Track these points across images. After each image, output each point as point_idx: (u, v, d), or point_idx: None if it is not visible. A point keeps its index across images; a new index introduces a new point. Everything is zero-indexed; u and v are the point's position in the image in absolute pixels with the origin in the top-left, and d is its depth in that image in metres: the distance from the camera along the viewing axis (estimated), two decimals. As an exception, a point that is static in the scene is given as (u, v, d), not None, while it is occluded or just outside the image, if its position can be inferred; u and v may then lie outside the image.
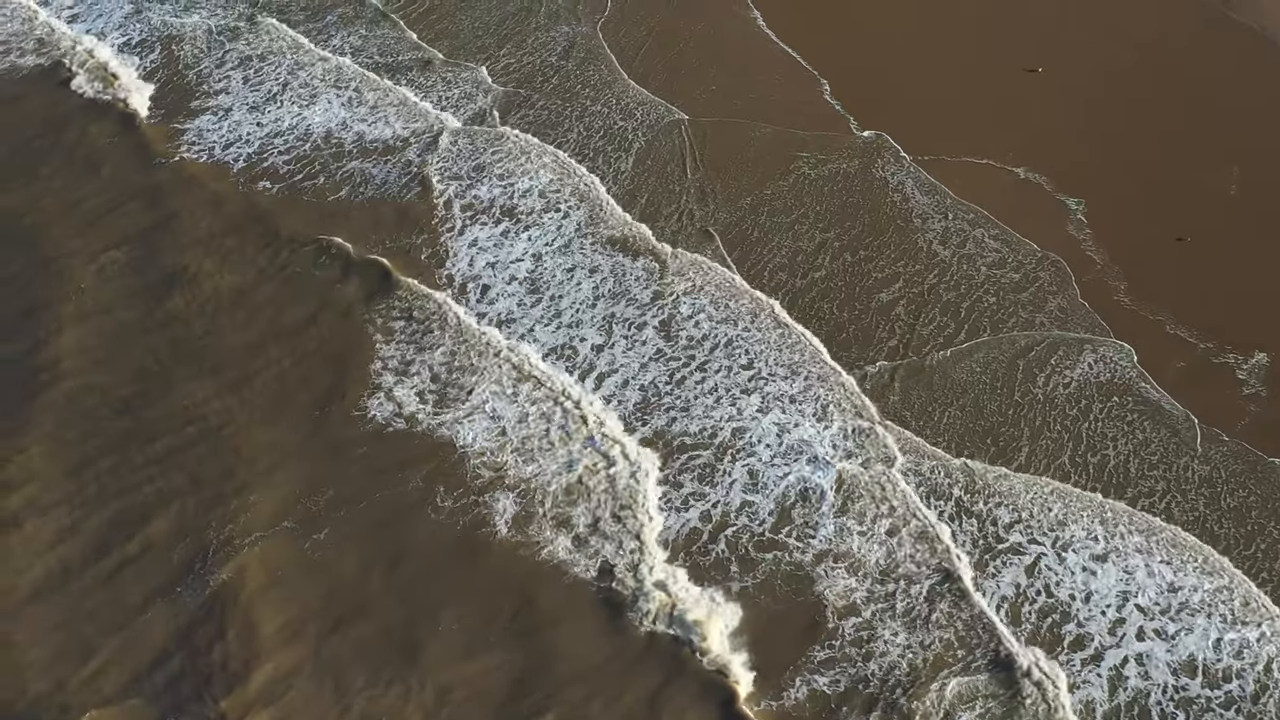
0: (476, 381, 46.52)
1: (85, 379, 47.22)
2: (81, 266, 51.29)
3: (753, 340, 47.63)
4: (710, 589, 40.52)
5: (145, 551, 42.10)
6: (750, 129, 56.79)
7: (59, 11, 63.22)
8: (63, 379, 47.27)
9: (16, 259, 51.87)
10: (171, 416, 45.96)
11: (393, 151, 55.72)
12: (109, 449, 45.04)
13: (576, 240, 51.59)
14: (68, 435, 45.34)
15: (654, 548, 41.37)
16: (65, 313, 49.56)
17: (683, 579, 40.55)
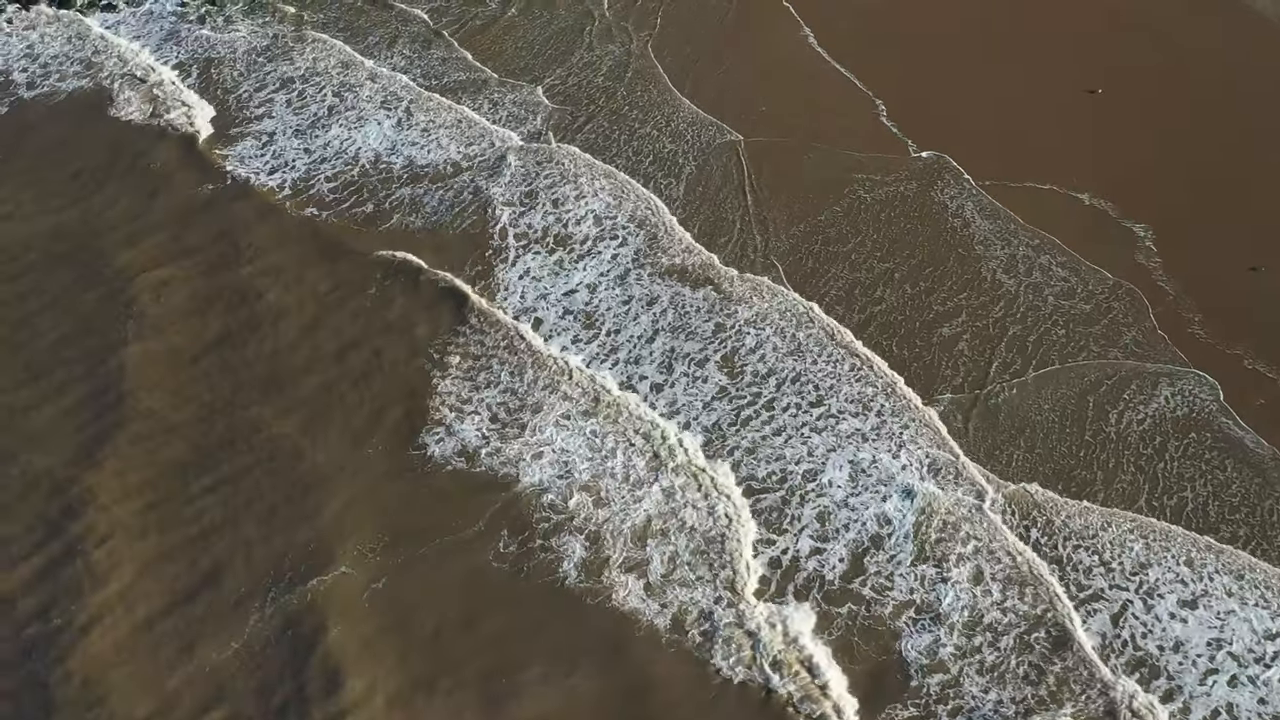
0: (542, 415, 45.23)
1: (149, 404, 46.34)
2: (141, 289, 50.26)
3: (821, 373, 46.34)
4: (796, 635, 39.27)
5: (213, 591, 41.20)
6: (802, 150, 55.66)
7: (114, 30, 61.72)
8: (129, 407, 46.35)
9: (79, 280, 50.81)
10: (232, 444, 45.05)
11: (444, 177, 54.45)
12: (172, 480, 44.09)
13: (634, 270, 50.32)
14: (135, 462, 44.56)
15: (747, 595, 39.82)
16: (125, 336, 48.59)
17: (766, 626, 39.21)
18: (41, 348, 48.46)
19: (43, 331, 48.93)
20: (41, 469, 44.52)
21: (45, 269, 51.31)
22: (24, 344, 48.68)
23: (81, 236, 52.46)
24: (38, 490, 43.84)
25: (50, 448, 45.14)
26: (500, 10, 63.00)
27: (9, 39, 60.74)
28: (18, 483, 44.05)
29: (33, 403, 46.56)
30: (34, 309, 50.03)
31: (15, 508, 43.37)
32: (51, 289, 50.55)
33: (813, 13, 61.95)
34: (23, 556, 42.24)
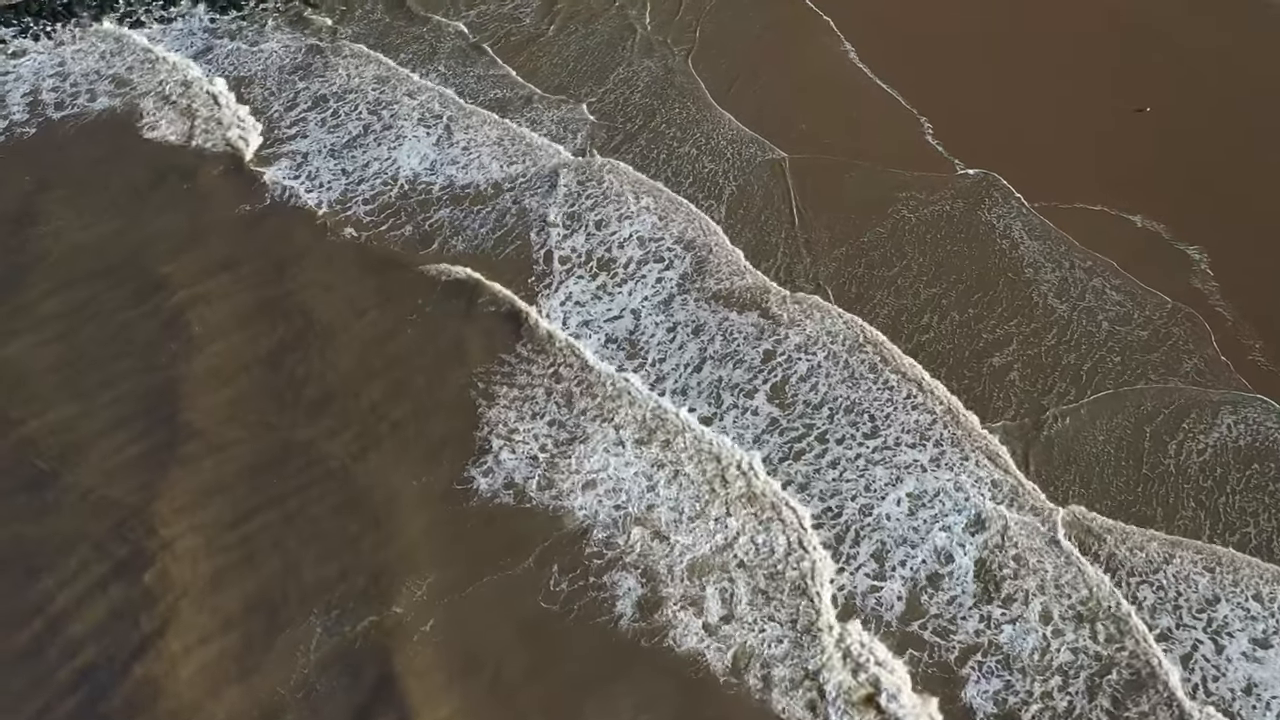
0: (594, 443, 44.15)
1: (201, 425, 45.36)
2: (186, 309, 49.24)
3: (876, 401, 45.35)
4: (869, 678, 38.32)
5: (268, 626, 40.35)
6: (844, 168, 54.62)
7: (163, 46, 60.77)
8: (182, 428, 45.42)
9: (125, 299, 49.83)
10: (281, 471, 44.06)
11: (485, 198, 53.40)
12: (224, 507, 43.20)
13: (679, 295, 49.33)
14: (188, 487, 43.58)
15: (818, 634, 38.74)
16: (175, 357, 47.61)
17: (834, 668, 38.20)
18: (92, 369, 47.36)
19: (93, 354, 47.82)
20: (98, 495, 43.46)
21: (91, 289, 50.08)
22: (74, 364, 47.59)
23: (126, 257, 51.24)
24: (93, 516, 42.80)
25: (104, 471, 44.10)
26: (539, 25, 61.89)
27: (40, 56, 59.65)
28: (73, 509, 43.01)
29: (87, 426, 45.44)
30: (84, 328, 48.89)
31: (70, 535, 42.31)
32: (100, 308, 49.42)
33: (853, 28, 60.89)
34: (76, 583, 41.19)
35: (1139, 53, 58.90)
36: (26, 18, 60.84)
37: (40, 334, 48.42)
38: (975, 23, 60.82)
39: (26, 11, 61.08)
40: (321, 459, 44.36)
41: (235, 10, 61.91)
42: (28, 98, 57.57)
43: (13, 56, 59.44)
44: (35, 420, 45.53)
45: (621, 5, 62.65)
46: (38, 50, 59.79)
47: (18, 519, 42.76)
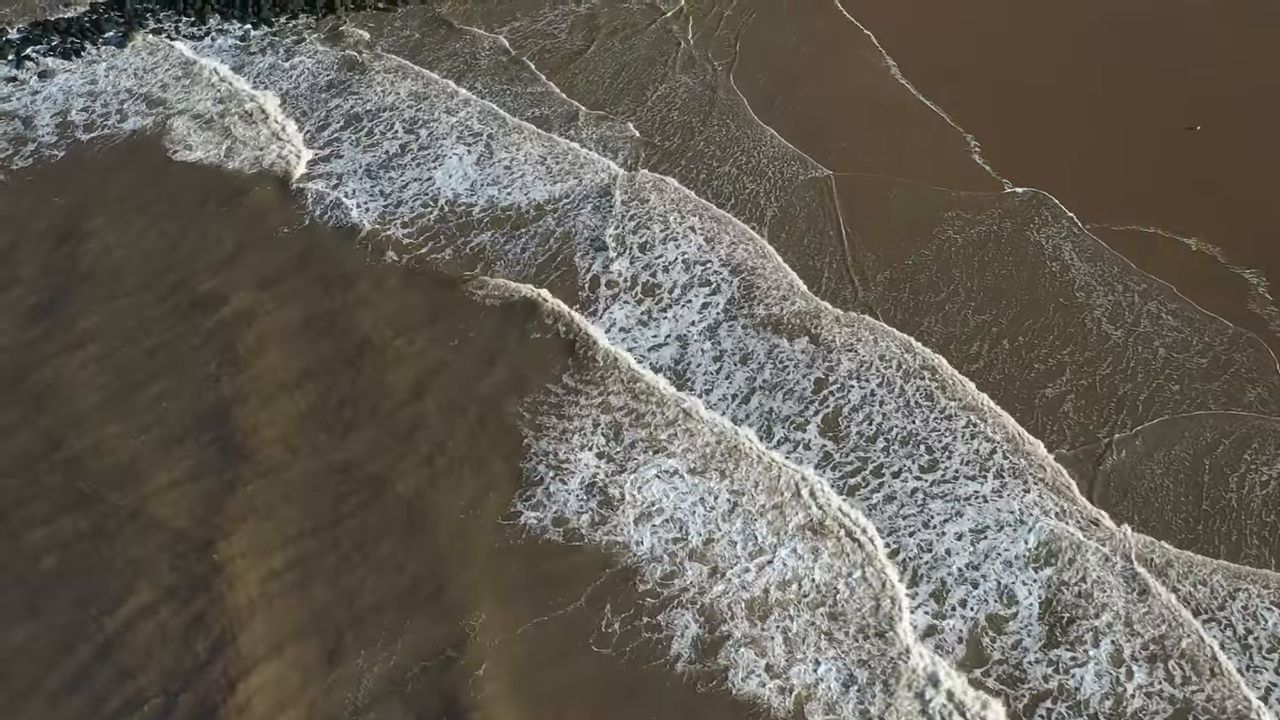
0: (648, 473, 43.07)
1: (261, 451, 44.53)
2: (235, 331, 48.40)
3: (934, 431, 44.30)
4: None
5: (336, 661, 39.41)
6: (885, 186, 53.66)
7: (195, 64, 59.75)
8: (241, 452, 44.55)
9: (176, 319, 48.96)
10: (337, 499, 43.17)
11: (527, 220, 52.39)
12: (285, 533, 42.34)
13: (726, 321, 48.33)
14: (253, 516, 42.68)
15: (898, 684, 37.39)
16: (229, 380, 46.77)
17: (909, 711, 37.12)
18: (138, 390, 46.54)
19: (139, 374, 47.03)
20: (147, 518, 42.57)
21: (135, 310, 49.25)
22: (121, 384, 46.77)
23: (169, 278, 50.43)
24: (142, 539, 41.95)
25: (152, 494, 43.22)
26: (580, 41, 60.90)
27: (70, 76, 58.75)
28: (122, 532, 42.11)
29: (134, 448, 44.59)
30: (129, 348, 48.08)
31: (119, 559, 41.49)
32: (145, 329, 48.63)
33: (895, 43, 59.99)
34: (125, 609, 40.29)
35: (1190, 70, 57.88)
36: (54, 36, 59.84)
37: (85, 353, 47.59)
38: (1020, 39, 59.92)
39: (55, 29, 60.12)
40: (368, 486, 43.43)
41: (266, 26, 60.90)
42: (58, 118, 56.63)
43: (43, 76, 58.44)
44: (81, 441, 44.67)
45: (662, 20, 61.68)
46: (68, 69, 58.84)
47: (66, 543, 41.89)
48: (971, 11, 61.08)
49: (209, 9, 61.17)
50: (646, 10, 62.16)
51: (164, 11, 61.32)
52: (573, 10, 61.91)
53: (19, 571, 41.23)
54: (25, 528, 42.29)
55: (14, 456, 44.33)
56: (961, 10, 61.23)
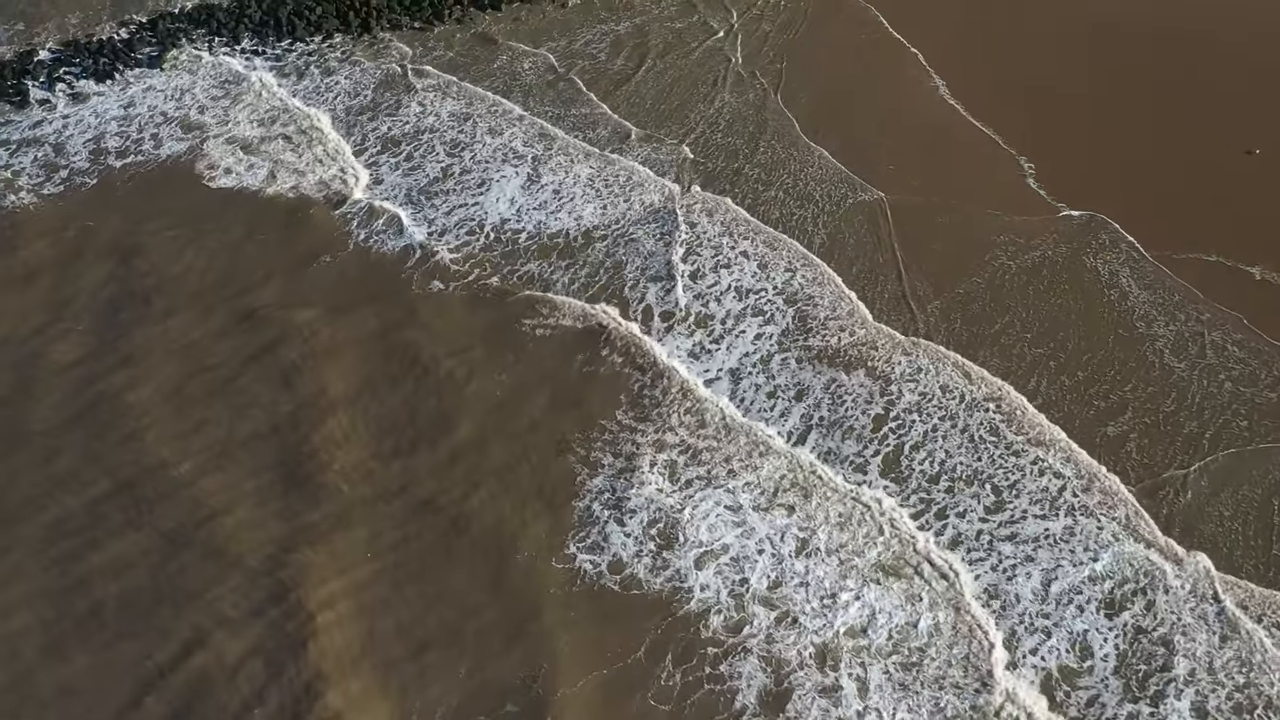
0: (708, 511, 41.83)
1: (330, 476, 43.74)
2: (292, 359, 47.51)
3: (1002, 466, 43.09)
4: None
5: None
6: (934, 210, 52.37)
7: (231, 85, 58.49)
8: (312, 475, 43.87)
9: (267, 343, 48.06)
10: (391, 527, 42.45)
11: (575, 250, 51.17)
12: (359, 557, 41.68)
13: (779, 354, 47.12)
14: (330, 545, 41.94)
15: None
16: (293, 403, 45.98)
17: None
18: (206, 420, 45.77)
19: (205, 405, 46.23)
20: (219, 547, 41.84)
21: (196, 338, 48.48)
22: (188, 416, 45.96)
23: (226, 303, 49.59)
24: (217, 570, 41.23)
25: (223, 523, 42.48)
26: (628, 59, 59.52)
27: (105, 99, 57.62)
28: (196, 562, 41.35)
29: (203, 477, 43.84)
30: (192, 383, 47.14)
31: (195, 591, 40.73)
32: (209, 357, 47.81)
33: (943, 61, 58.68)
34: (207, 645, 39.50)
35: (1251, 92, 56.53)
36: (86, 56, 58.73)
37: (152, 382, 46.68)
38: (1072, 58, 58.47)
39: (86, 50, 59.02)
40: (422, 517, 42.54)
41: (301, 44, 59.72)
42: (90, 144, 55.47)
43: (75, 99, 57.34)
44: (152, 471, 43.92)
45: (712, 39, 60.31)
46: (100, 91, 57.68)
47: (128, 572, 41.13)
48: (1021, 30, 59.74)
49: (243, 29, 59.99)
50: (694, 28, 60.82)
51: (197, 31, 60.11)
52: (611, 30, 60.68)
53: (79, 602, 40.47)
54: (85, 555, 41.58)
55: (73, 480, 43.68)
56: (1011, 29, 59.86)
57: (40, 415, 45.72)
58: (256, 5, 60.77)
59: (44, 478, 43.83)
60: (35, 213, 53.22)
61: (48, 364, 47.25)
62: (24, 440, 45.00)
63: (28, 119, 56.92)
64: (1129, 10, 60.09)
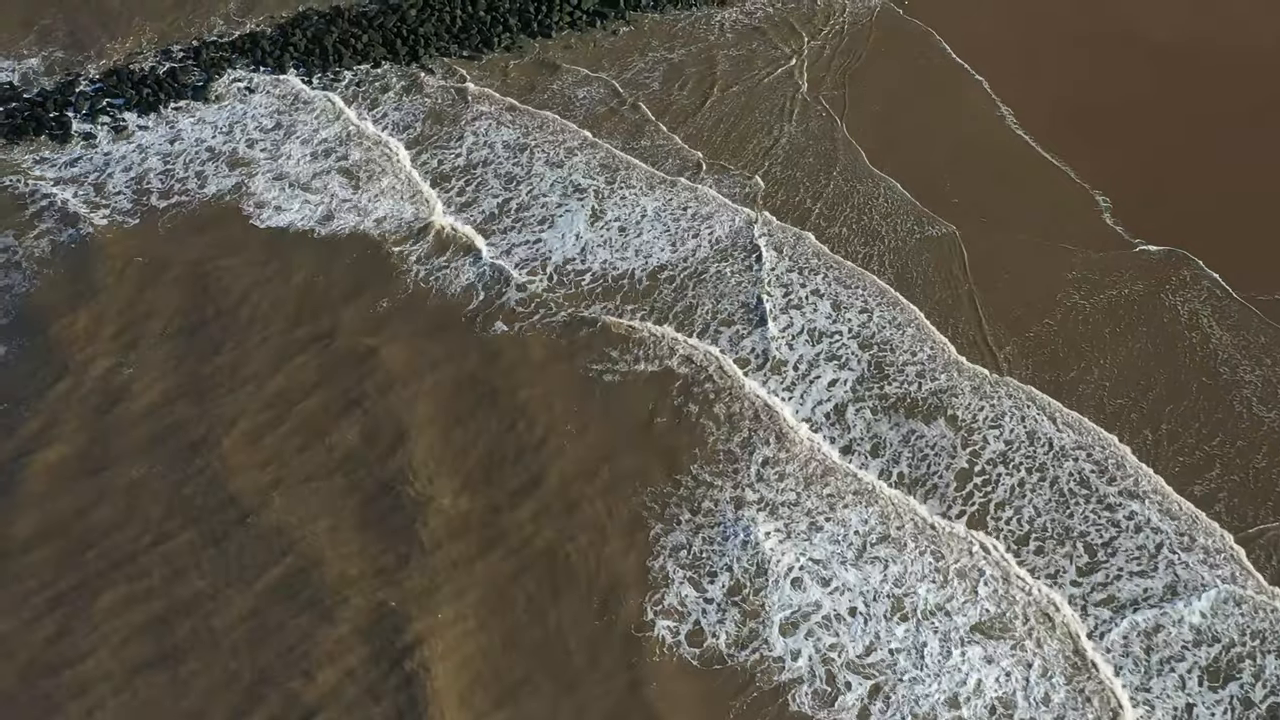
0: (792, 571, 40.16)
1: (432, 507, 42.74)
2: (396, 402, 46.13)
3: (1093, 525, 41.38)
4: None
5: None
6: (1005, 246, 50.55)
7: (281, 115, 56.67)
8: (415, 503, 42.86)
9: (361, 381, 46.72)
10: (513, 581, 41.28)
11: (641, 292, 49.36)
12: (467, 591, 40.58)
13: (853, 403, 45.42)
14: (439, 578, 41.06)
15: None
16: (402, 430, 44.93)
17: None
18: (303, 460, 44.63)
19: (297, 442, 45.10)
20: (333, 589, 40.84)
21: (283, 371, 47.27)
22: (287, 457, 44.80)
23: (295, 343, 48.23)
24: (334, 610, 40.24)
25: (334, 560, 41.50)
26: (680, 88, 57.71)
27: (152, 133, 55.94)
28: (312, 600, 40.45)
29: (331, 521, 42.67)
30: (282, 427, 45.78)
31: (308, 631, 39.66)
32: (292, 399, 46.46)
33: (1009, 89, 56.87)
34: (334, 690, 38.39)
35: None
36: (129, 87, 57.12)
37: (235, 427, 45.44)
38: (1149, 85, 56.40)
39: (129, 80, 57.41)
40: (519, 568, 41.49)
41: (349, 73, 58.04)
42: (135, 183, 53.74)
43: (117, 132, 55.72)
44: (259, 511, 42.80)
45: (772, 66, 58.45)
46: (143, 124, 56.02)
47: (242, 615, 40.21)
48: (1090, 57, 57.83)
49: (288, 58, 58.36)
50: (753, 55, 58.91)
51: (241, 60, 58.46)
52: (665, 58, 58.87)
53: (188, 641, 39.71)
54: (193, 598, 40.71)
55: (159, 531, 42.62)
56: (1078, 55, 57.96)
57: (120, 458, 44.38)
58: (301, 33, 58.91)
59: (130, 532, 42.65)
60: (105, 242, 51.48)
61: (126, 411, 45.72)
62: (106, 486, 43.65)
63: (70, 154, 55.31)
64: (1210, 35, 57.97)
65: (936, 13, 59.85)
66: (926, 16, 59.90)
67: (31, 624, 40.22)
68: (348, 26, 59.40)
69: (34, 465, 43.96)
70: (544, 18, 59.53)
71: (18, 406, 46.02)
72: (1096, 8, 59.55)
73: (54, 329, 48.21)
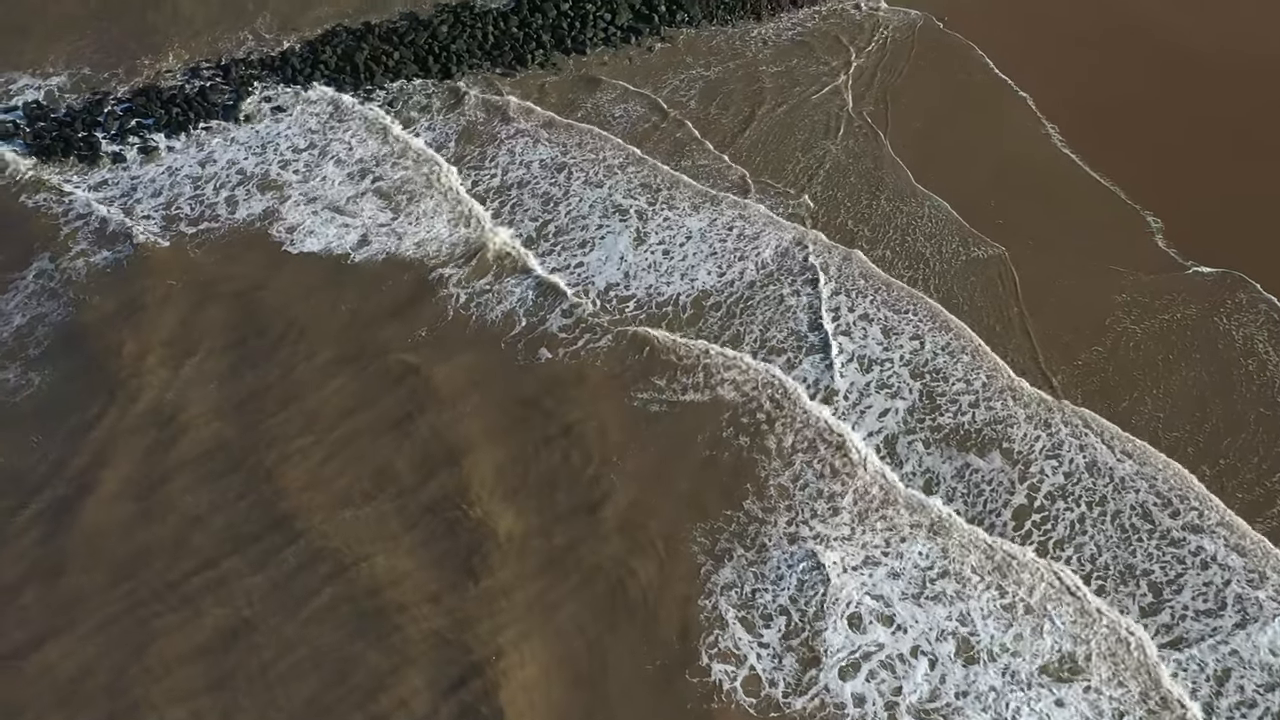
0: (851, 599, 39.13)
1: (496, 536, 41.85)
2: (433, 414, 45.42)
3: (1159, 561, 40.23)
4: None
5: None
6: (1052, 268, 49.38)
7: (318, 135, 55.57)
8: (480, 532, 42.11)
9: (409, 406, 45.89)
10: None
11: (683, 322, 48.24)
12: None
13: (904, 436, 44.32)
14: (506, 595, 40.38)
15: None
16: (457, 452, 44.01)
17: None
18: (373, 492, 43.74)
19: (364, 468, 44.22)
20: (404, 621, 39.93)
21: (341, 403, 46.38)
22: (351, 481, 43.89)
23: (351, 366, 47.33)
24: (408, 643, 39.37)
25: (408, 590, 40.70)
26: (720, 105, 56.55)
27: (177, 154, 54.93)
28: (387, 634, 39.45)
29: (397, 546, 41.88)
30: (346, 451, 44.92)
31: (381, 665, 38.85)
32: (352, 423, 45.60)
33: (1055, 106, 55.68)
34: None
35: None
36: (158, 106, 56.13)
37: (317, 453, 44.58)
38: (1199, 100, 55.15)
39: (158, 99, 56.42)
40: (575, 601, 40.73)
41: (380, 90, 56.98)
42: (162, 208, 52.71)
43: (145, 153, 54.71)
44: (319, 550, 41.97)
45: (812, 84, 57.26)
46: (172, 145, 54.99)
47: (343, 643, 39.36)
48: (1137, 72, 56.61)
49: (318, 75, 57.35)
50: (792, 72, 57.74)
51: (270, 78, 57.44)
52: (701, 75, 57.73)
53: (261, 665, 38.98)
54: (264, 623, 40.09)
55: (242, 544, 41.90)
56: (1124, 71, 56.76)
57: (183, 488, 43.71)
58: (331, 51, 57.86)
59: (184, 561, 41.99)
60: (143, 266, 50.61)
61: (183, 450, 44.79)
62: (154, 513, 42.97)
63: (100, 175, 54.34)
64: (1264, 52, 56.64)
65: (977, 27, 58.75)
66: (968, 31, 58.80)
67: (78, 652, 39.57)
68: (378, 43, 58.34)
69: (86, 495, 43.36)
70: (578, 34, 58.46)
71: (63, 433, 45.27)
72: (1143, 24, 58.24)
73: (96, 356, 47.55)
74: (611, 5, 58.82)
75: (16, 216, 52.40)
